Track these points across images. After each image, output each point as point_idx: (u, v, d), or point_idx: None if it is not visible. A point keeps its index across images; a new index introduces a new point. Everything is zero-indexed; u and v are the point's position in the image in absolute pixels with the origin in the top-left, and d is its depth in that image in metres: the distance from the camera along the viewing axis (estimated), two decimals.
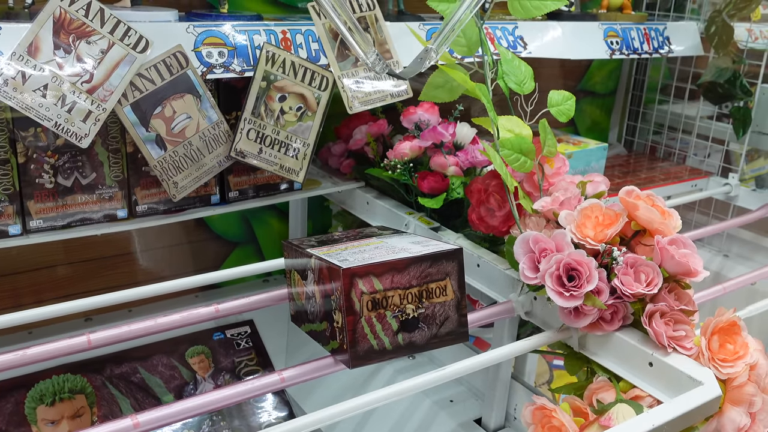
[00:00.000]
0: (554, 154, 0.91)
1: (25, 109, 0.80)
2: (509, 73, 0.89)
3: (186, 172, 0.95)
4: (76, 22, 0.84)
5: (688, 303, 0.78)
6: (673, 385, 0.72)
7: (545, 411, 0.76)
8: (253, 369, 1.21)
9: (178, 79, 0.92)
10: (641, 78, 1.86)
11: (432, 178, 1.06)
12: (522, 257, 0.80)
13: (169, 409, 0.64)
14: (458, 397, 1.12)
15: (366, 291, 0.69)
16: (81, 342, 0.73)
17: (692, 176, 1.65)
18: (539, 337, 0.81)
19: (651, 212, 0.79)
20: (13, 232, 0.89)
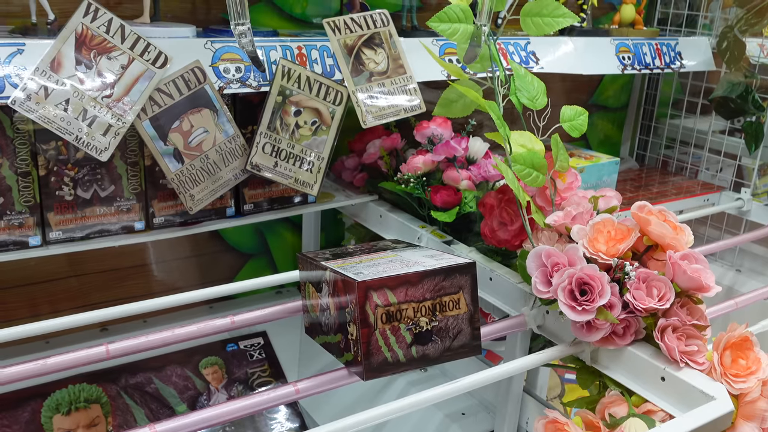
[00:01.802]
0: (566, 169, 0.92)
1: (47, 122, 0.82)
2: (522, 89, 0.90)
3: (202, 185, 0.97)
4: (98, 38, 0.86)
5: (701, 318, 0.78)
6: (686, 399, 0.72)
7: (558, 425, 0.76)
8: (266, 380, 1.22)
9: (196, 94, 0.93)
10: (653, 92, 1.86)
11: (445, 192, 1.07)
12: (534, 271, 0.81)
13: (186, 419, 0.65)
14: (470, 410, 1.13)
15: (380, 304, 0.69)
16: (100, 352, 0.75)
17: (704, 191, 1.65)
18: (552, 351, 0.81)
19: (663, 227, 0.80)
20: (33, 243, 0.91)
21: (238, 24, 0.79)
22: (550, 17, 0.90)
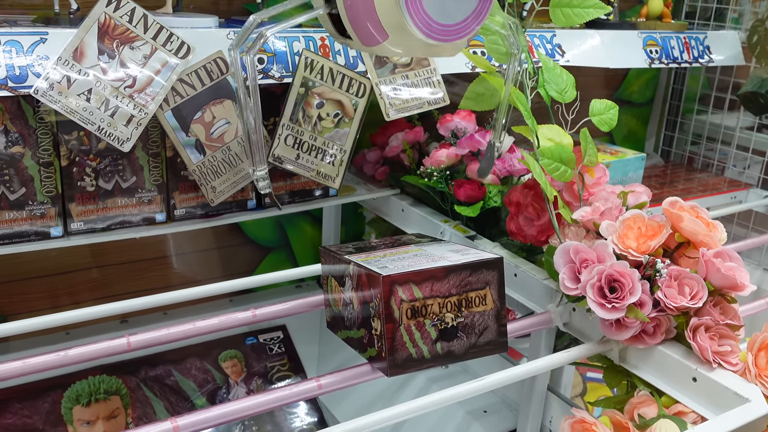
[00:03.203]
0: (595, 163, 0.90)
1: (70, 112, 0.82)
2: (550, 82, 0.89)
3: (224, 176, 0.96)
4: (120, 28, 0.85)
5: (734, 317, 0.76)
6: (719, 401, 0.70)
7: (585, 425, 0.74)
8: (285, 374, 1.22)
9: (218, 85, 0.92)
10: (679, 87, 1.83)
11: (469, 187, 1.05)
12: (562, 267, 0.79)
13: (208, 413, 0.64)
14: (492, 407, 1.11)
15: (405, 299, 0.68)
16: (121, 344, 0.74)
17: (731, 188, 1.62)
18: (579, 349, 0.80)
19: (696, 224, 0.78)
20: (55, 234, 0.91)
21: (257, 170, 0.81)
22: (580, 8, 0.88)
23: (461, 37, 0.73)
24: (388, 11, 0.68)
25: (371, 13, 0.68)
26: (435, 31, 0.70)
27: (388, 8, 0.68)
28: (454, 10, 0.71)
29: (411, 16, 0.68)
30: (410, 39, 0.70)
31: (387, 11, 0.68)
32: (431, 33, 0.70)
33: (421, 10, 0.69)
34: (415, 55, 0.68)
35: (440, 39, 0.71)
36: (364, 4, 0.68)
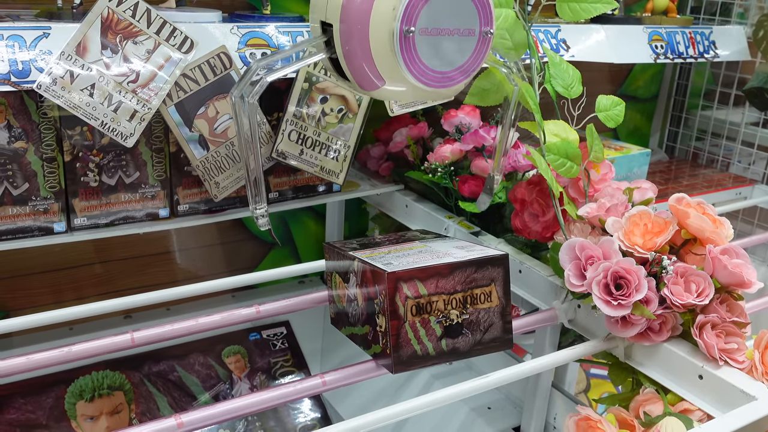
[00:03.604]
0: (601, 159, 0.90)
1: (73, 108, 0.81)
2: (557, 77, 0.88)
3: (228, 172, 0.96)
4: (124, 23, 0.84)
5: (741, 315, 0.76)
6: (725, 399, 0.70)
7: (590, 422, 0.74)
8: (288, 370, 1.21)
9: (222, 80, 0.92)
10: (684, 83, 1.82)
11: (473, 182, 1.05)
12: (568, 264, 0.79)
13: (213, 409, 0.64)
14: (496, 404, 1.11)
15: (410, 295, 0.68)
16: (125, 340, 0.74)
17: (736, 184, 1.61)
18: (584, 346, 0.79)
19: (702, 220, 0.77)
20: (58, 230, 0.90)
21: (257, 207, 0.81)
22: (587, 3, 0.87)
23: (457, 83, 0.75)
24: (384, 59, 0.69)
25: (368, 59, 0.70)
26: (430, 78, 0.72)
27: (384, 56, 0.69)
28: (450, 58, 0.73)
29: (406, 64, 0.70)
30: (407, 85, 0.72)
31: (383, 58, 0.69)
32: (427, 80, 0.72)
33: (417, 58, 0.70)
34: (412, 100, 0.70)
35: (436, 85, 0.73)
36: (362, 51, 0.70)
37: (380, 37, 0.69)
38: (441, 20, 0.71)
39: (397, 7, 0.68)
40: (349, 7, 0.69)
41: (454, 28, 0.72)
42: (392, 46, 0.69)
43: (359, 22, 0.69)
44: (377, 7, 0.68)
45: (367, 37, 0.69)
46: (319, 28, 0.75)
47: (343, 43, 0.71)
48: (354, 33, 0.70)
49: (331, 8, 0.72)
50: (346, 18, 0.70)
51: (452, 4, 0.71)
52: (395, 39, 0.69)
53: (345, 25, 0.70)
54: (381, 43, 0.69)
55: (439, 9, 0.70)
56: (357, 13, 0.69)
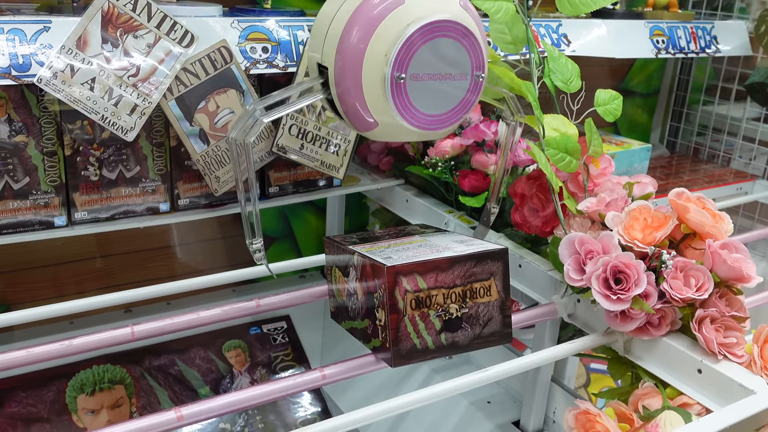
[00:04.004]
0: (600, 154, 0.90)
1: (74, 102, 0.81)
2: (556, 71, 0.88)
3: (228, 166, 0.96)
4: (124, 17, 0.84)
5: (740, 309, 0.76)
6: (724, 393, 0.70)
7: (589, 416, 0.74)
8: (289, 364, 1.22)
9: (222, 74, 0.92)
10: (685, 78, 1.82)
11: (473, 177, 1.05)
12: (567, 259, 0.79)
13: (212, 402, 0.64)
14: (495, 398, 1.11)
15: (410, 289, 0.68)
16: (125, 333, 0.74)
17: (737, 179, 1.61)
18: (583, 341, 0.79)
19: (702, 215, 0.77)
20: (59, 224, 0.91)
21: (254, 242, 0.82)
22: None
23: (448, 125, 0.76)
24: (377, 102, 0.71)
25: (361, 102, 0.71)
26: (422, 121, 0.73)
27: (377, 99, 0.71)
28: (442, 102, 0.74)
29: (398, 108, 0.71)
30: (399, 127, 0.73)
31: (375, 102, 0.71)
32: (419, 123, 0.73)
33: (408, 103, 0.71)
34: (406, 140, 0.71)
35: (428, 128, 0.74)
36: (355, 94, 0.71)
37: (373, 81, 0.71)
38: (433, 66, 0.72)
39: (389, 53, 0.70)
40: (344, 52, 0.71)
41: (446, 73, 0.73)
42: (384, 91, 0.70)
43: (353, 67, 0.70)
44: (370, 53, 0.70)
45: (360, 81, 0.71)
46: (317, 69, 0.76)
47: (338, 85, 0.73)
48: (348, 76, 0.71)
49: (326, 51, 0.73)
50: (340, 62, 0.71)
51: (444, 50, 0.72)
52: (387, 84, 0.70)
53: (339, 69, 0.72)
54: (373, 88, 0.71)
55: (430, 55, 0.71)
56: (351, 57, 0.70)
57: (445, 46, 0.72)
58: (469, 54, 0.74)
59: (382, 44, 0.70)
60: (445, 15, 0.71)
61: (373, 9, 0.70)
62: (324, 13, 0.76)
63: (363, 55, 0.70)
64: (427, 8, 0.71)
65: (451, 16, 0.71)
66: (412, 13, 0.70)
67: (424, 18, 0.70)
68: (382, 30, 0.69)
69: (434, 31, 0.71)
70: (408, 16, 0.70)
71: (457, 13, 0.73)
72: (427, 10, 0.71)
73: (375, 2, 0.70)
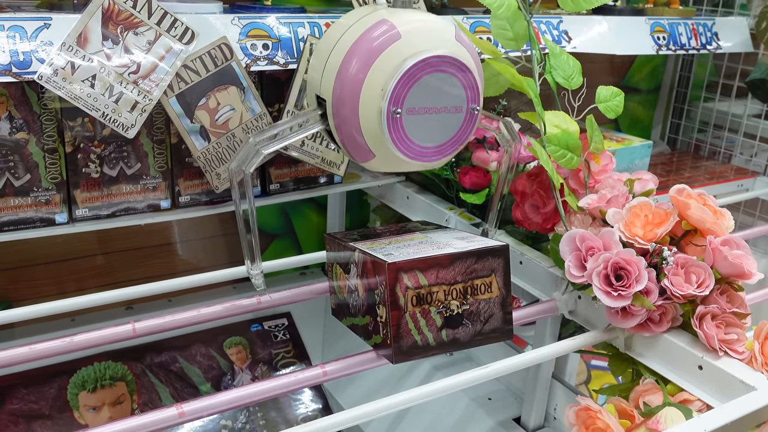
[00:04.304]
0: (601, 150, 0.90)
1: (74, 99, 0.81)
2: (557, 68, 0.88)
3: (229, 163, 0.96)
4: (124, 14, 0.84)
5: (741, 306, 0.76)
6: (725, 389, 0.70)
7: (590, 412, 0.74)
8: (290, 361, 1.22)
9: (223, 71, 0.92)
10: (686, 74, 1.82)
11: (474, 174, 1.05)
12: (568, 255, 0.79)
13: (214, 399, 0.64)
14: (496, 395, 1.11)
15: (411, 286, 0.68)
16: (126, 330, 0.74)
17: (738, 176, 1.61)
18: (584, 337, 0.79)
19: (703, 211, 0.77)
20: (60, 221, 0.91)
21: (252, 269, 0.82)
22: None
23: (445, 156, 0.77)
24: (374, 135, 0.71)
25: (358, 135, 0.72)
26: (418, 154, 0.74)
27: (373, 132, 0.71)
28: (437, 134, 0.75)
29: (394, 141, 0.72)
30: (396, 159, 0.74)
31: (372, 135, 0.71)
32: (415, 155, 0.74)
33: (404, 136, 0.72)
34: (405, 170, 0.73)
35: (425, 160, 0.75)
36: (353, 127, 0.72)
37: (369, 115, 0.71)
38: (429, 100, 0.73)
39: (386, 88, 0.70)
40: (341, 86, 0.72)
41: (442, 106, 0.74)
42: (381, 125, 0.71)
43: (350, 100, 0.71)
44: (367, 87, 0.71)
45: (357, 115, 0.71)
46: (315, 101, 0.77)
47: (336, 116, 0.73)
48: (345, 110, 0.72)
49: (324, 84, 0.74)
50: (338, 95, 0.72)
51: (440, 85, 0.73)
52: (383, 118, 0.71)
53: (337, 102, 0.72)
54: (370, 121, 0.71)
55: (426, 89, 0.72)
56: (348, 91, 0.71)
57: (441, 80, 0.73)
58: (465, 88, 0.75)
59: (379, 78, 0.70)
60: (441, 50, 0.72)
61: (370, 43, 0.71)
62: (322, 46, 0.77)
63: (360, 89, 0.71)
64: (424, 43, 0.72)
65: (446, 51, 0.72)
66: (409, 49, 0.71)
67: (420, 53, 0.71)
68: (379, 65, 0.70)
69: (430, 66, 0.71)
70: (404, 52, 0.71)
71: (453, 48, 0.73)
72: (423, 45, 0.71)
73: (372, 36, 0.71)
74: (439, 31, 0.74)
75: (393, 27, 0.71)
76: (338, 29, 0.76)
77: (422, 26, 0.73)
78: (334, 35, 0.75)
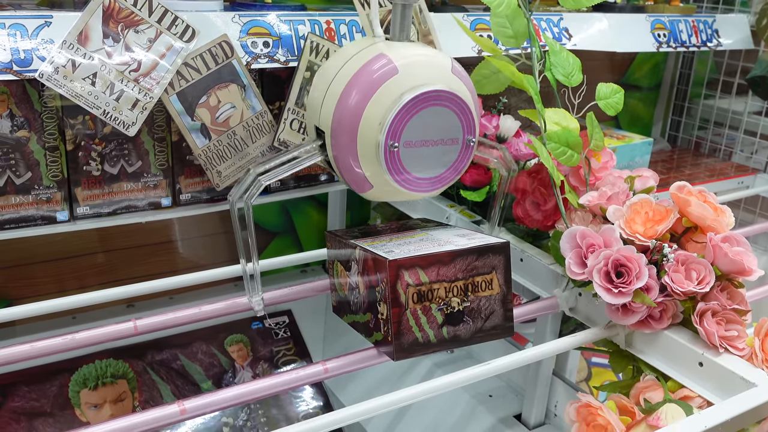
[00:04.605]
0: (601, 148, 0.90)
1: (75, 97, 0.81)
2: (557, 65, 0.88)
3: (230, 161, 0.96)
4: (125, 11, 0.84)
5: (741, 302, 0.76)
6: (725, 386, 0.70)
7: (590, 409, 0.74)
8: (291, 358, 1.22)
9: (223, 69, 0.92)
10: (687, 72, 1.82)
11: (475, 171, 1.05)
12: (569, 252, 0.79)
13: (215, 396, 0.65)
14: (497, 392, 1.11)
15: (412, 283, 0.68)
16: (128, 328, 0.74)
17: (738, 173, 1.61)
18: (585, 334, 0.80)
19: (703, 208, 0.77)
20: (61, 218, 0.91)
21: (252, 297, 0.82)
22: None
23: (441, 186, 0.78)
24: (371, 166, 0.73)
25: (356, 166, 0.73)
26: (415, 185, 0.75)
27: (371, 164, 0.72)
28: (434, 166, 0.76)
29: (392, 173, 0.73)
30: (394, 190, 0.75)
31: (370, 166, 0.73)
32: (412, 187, 0.75)
33: (402, 168, 0.73)
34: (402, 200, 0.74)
35: (421, 191, 0.76)
36: (351, 159, 0.73)
37: (367, 147, 0.72)
38: (425, 133, 0.74)
39: (383, 122, 0.71)
40: (340, 119, 0.73)
41: (438, 138, 0.75)
42: (378, 157, 0.72)
43: (348, 133, 0.72)
44: (365, 121, 0.72)
45: (355, 147, 0.72)
46: (314, 131, 0.78)
47: (334, 148, 0.74)
48: (344, 142, 0.73)
49: (323, 116, 0.75)
50: (336, 127, 0.73)
51: (436, 118, 0.74)
52: (380, 151, 0.72)
53: (335, 134, 0.73)
54: (368, 153, 0.72)
55: (423, 123, 0.73)
56: (347, 124, 0.72)
57: (437, 113, 0.74)
58: (461, 120, 0.75)
59: (377, 112, 0.71)
60: (438, 85, 0.73)
61: (368, 77, 0.72)
62: (320, 78, 0.78)
63: (358, 122, 0.72)
64: (420, 78, 0.72)
65: (443, 86, 0.73)
66: (406, 83, 0.72)
67: (417, 88, 0.71)
68: (376, 99, 0.71)
69: (427, 100, 0.72)
70: (401, 86, 0.71)
71: (450, 82, 0.74)
72: (420, 80, 0.72)
73: (370, 71, 0.72)
74: (436, 65, 0.74)
75: (390, 61, 0.72)
76: (337, 61, 0.77)
77: (419, 60, 0.74)
78: (333, 67, 0.76)
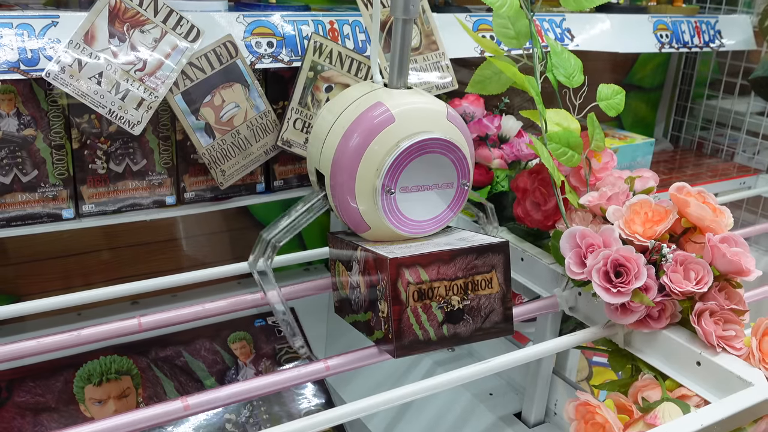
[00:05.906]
0: (602, 148, 0.90)
1: (81, 96, 0.82)
2: (558, 66, 0.89)
3: (233, 160, 0.97)
4: (131, 11, 0.85)
5: (739, 302, 0.77)
6: (722, 385, 0.71)
7: (589, 407, 0.75)
8: (293, 356, 1.23)
9: (228, 69, 0.93)
10: (689, 72, 1.82)
11: (476, 171, 1.06)
12: (568, 252, 0.80)
13: (218, 392, 0.65)
14: (497, 390, 1.12)
15: (412, 281, 0.69)
16: (132, 324, 0.75)
17: (741, 173, 1.61)
18: (584, 333, 0.80)
19: (702, 209, 0.78)
20: (67, 216, 0.92)
21: (296, 341, 0.86)
22: None
23: (436, 228, 0.80)
24: (368, 210, 0.75)
25: (355, 209, 0.76)
26: (411, 227, 0.78)
27: (369, 207, 0.75)
28: (430, 209, 0.78)
29: (388, 217, 0.76)
30: (391, 232, 0.77)
31: (367, 210, 0.75)
32: (408, 229, 0.78)
33: (398, 212, 0.76)
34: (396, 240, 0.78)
35: (417, 233, 0.79)
36: (349, 202, 0.76)
37: (365, 192, 0.75)
38: (421, 178, 0.76)
39: (380, 168, 0.73)
40: (339, 165, 0.75)
41: (434, 183, 0.77)
42: (375, 202, 0.74)
43: (347, 179, 0.75)
44: (363, 166, 0.74)
45: (353, 192, 0.75)
46: (315, 174, 0.81)
47: (333, 190, 0.77)
48: (343, 186, 0.76)
49: (323, 161, 0.78)
50: (335, 173, 0.76)
51: (431, 164, 0.76)
52: (377, 196, 0.74)
53: (335, 179, 0.76)
54: (366, 198, 0.75)
55: (419, 169, 0.75)
56: (345, 171, 0.75)
57: (433, 160, 0.76)
58: (456, 166, 0.77)
59: (375, 159, 0.73)
60: (434, 133, 0.74)
61: (366, 124, 0.74)
62: (319, 125, 0.80)
63: (356, 168, 0.74)
64: (417, 126, 0.74)
65: (439, 134, 0.75)
66: (402, 132, 0.74)
67: (413, 137, 0.73)
68: (374, 146, 0.73)
69: (423, 148, 0.74)
70: (398, 134, 0.73)
71: (445, 129, 0.76)
72: (416, 128, 0.74)
73: (367, 118, 0.74)
74: (432, 113, 0.76)
75: (387, 110, 0.74)
76: (337, 106, 0.79)
77: (415, 108, 0.75)
78: (333, 113, 0.79)
